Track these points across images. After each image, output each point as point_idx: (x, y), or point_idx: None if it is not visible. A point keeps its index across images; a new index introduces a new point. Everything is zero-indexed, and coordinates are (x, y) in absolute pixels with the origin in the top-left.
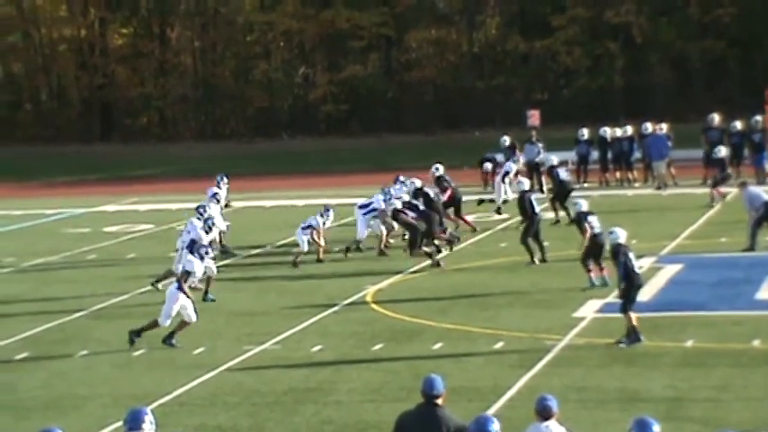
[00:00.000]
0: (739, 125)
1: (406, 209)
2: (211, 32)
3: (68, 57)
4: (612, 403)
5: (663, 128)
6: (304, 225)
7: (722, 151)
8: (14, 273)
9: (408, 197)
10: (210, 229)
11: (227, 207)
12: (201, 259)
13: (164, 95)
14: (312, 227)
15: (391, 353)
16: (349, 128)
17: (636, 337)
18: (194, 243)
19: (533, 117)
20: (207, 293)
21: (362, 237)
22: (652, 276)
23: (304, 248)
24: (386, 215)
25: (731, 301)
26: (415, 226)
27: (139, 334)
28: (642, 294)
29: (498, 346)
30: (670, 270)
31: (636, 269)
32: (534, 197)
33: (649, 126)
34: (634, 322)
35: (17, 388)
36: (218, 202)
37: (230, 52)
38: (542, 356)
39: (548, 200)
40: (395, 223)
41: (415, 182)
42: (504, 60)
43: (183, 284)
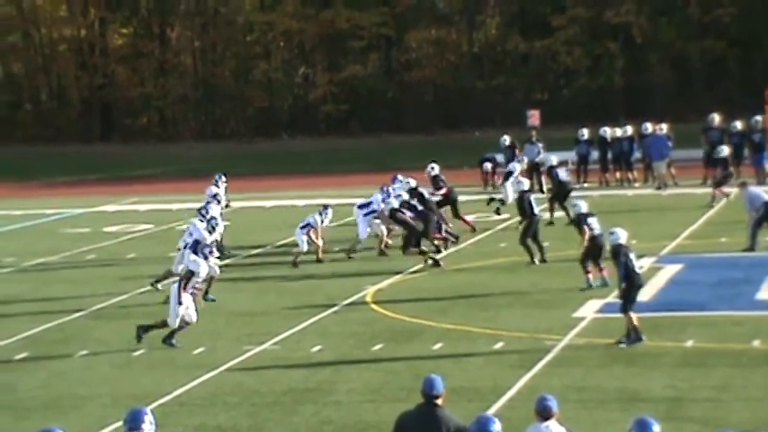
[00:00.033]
0: (739, 125)
1: (404, 208)
2: (211, 32)
3: (68, 57)
4: (612, 403)
5: (663, 128)
6: (302, 224)
7: (724, 151)
8: (14, 273)
9: (407, 196)
10: (214, 229)
11: (226, 207)
12: (206, 259)
13: (164, 95)
14: (310, 225)
15: (391, 353)
16: (349, 128)
17: (637, 337)
18: (198, 243)
19: (533, 117)
20: (207, 293)
21: (364, 237)
22: (652, 276)
23: (303, 248)
24: (385, 215)
25: (731, 301)
26: (412, 225)
27: (147, 330)
28: (642, 294)
29: (498, 346)
30: (670, 270)
31: (636, 269)
32: (534, 197)
33: (649, 126)
34: (635, 322)
35: (17, 388)
36: (218, 202)
37: (230, 52)
38: (542, 356)
39: (546, 200)
40: (395, 224)
41: (410, 181)
42: (504, 60)
43: (187, 284)
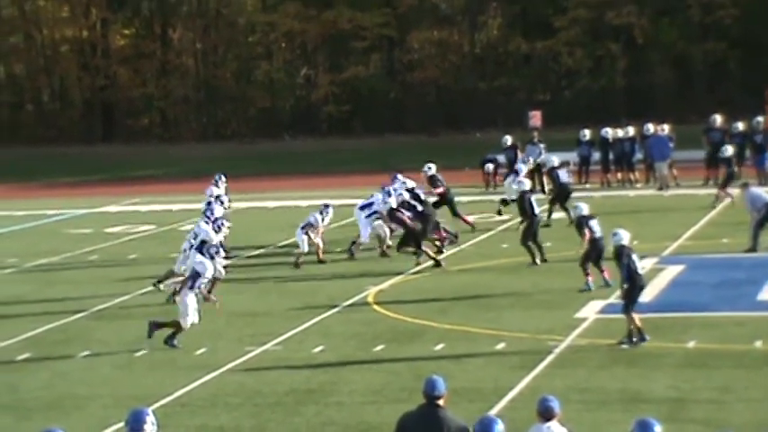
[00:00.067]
0: (741, 126)
1: (403, 208)
2: (213, 33)
3: (70, 58)
4: (614, 404)
5: (665, 129)
6: (303, 224)
7: (729, 150)
8: (16, 273)
9: (408, 195)
10: (220, 229)
11: (227, 208)
12: (212, 259)
13: (165, 96)
14: (311, 224)
15: (393, 354)
16: (351, 128)
17: (641, 337)
18: (204, 243)
19: (535, 118)
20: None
21: (366, 239)
22: (654, 277)
23: (304, 249)
24: (384, 215)
25: (733, 302)
26: (409, 225)
27: (160, 327)
28: (644, 295)
29: (500, 346)
30: (672, 271)
31: (639, 271)
32: (534, 198)
33: (651, 127)
34: (638, 323)
35: (19, 388)
36: (222, 203)
37: (232, 53)
38: (544, 357)
39: (547, 201)
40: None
41: (406, 182)
42: (506, 61)
43: (194, 284)
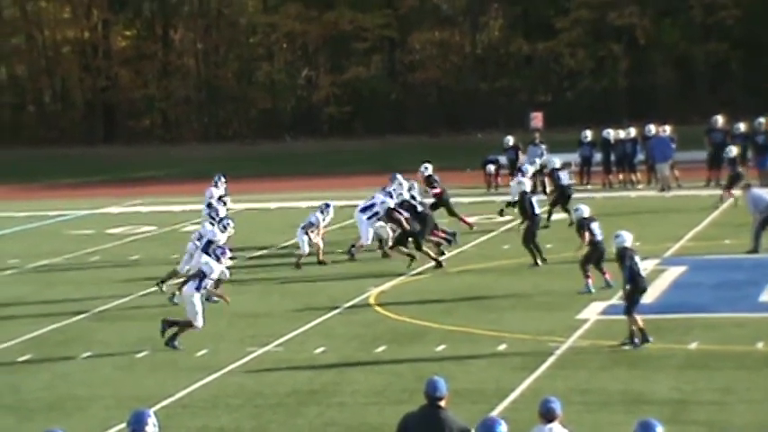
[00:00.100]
0: (743, 127)
1: (402, 208)
2: (214, 34)
3: (72, 59)
4: (616, 406)
5: (666, 130)
6: (304, 224)
7: (733, 151)
8: (18, 274)
9: (408, 195)
10: (225, 229)
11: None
12: (218, 260)
13: (167, 97)
14: (312, 223)
15: (394, 355)
16: (352, 129)
17: (644, 338)
18: (210, 243)
19: (536, 119)
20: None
21: (367, 242)
22: (655, 278)
23: (305, 250)
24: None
25: (735, 303)
26: (406, 226)
27: (172, 325)
28: (646, 296)
29: (501, 348)
30: (674, 272)
31: (641, 273)
32: (535, 199)
33: (653, 128)
34: (640, 324)
35: (20, 389)
36: (224, 204)
37: (233, 54)
38: (546, 359)
39: (548, 202)
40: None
41: (403, 183)
42: (508, 62)
43: (200, 285)
